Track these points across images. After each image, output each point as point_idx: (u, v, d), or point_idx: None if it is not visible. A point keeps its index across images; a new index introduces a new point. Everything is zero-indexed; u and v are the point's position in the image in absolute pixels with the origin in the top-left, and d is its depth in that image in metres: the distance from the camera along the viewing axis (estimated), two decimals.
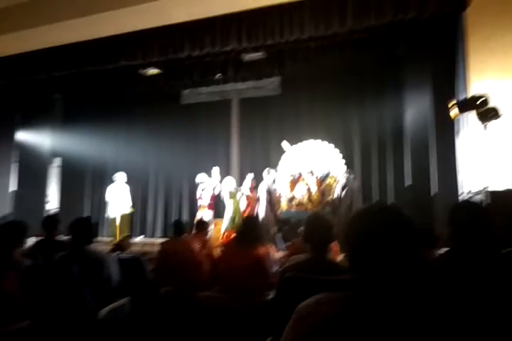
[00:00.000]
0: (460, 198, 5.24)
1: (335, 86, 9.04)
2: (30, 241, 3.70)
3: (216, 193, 8.31)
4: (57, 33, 7.31)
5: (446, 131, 5.83)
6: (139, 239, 9.40)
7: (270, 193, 7.69)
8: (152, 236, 10.12)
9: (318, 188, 7.72)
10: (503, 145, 4.63)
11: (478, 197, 4.28)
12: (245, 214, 7.62)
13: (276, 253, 4.94)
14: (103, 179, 10.65)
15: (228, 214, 7.79)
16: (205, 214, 8.25)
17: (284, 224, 7.52)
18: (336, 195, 7.49)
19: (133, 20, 6.88)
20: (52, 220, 4.14)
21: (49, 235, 3.96)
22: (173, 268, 3.86)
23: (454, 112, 4.68)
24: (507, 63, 4.70)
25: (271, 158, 9.50)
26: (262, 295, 3.38)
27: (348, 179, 7.46)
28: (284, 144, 8.27)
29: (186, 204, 10.16)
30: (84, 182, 10.60)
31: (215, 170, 8.58)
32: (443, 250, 3.42)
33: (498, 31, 4.84)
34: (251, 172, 9.69)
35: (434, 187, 6.16)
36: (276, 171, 8.18)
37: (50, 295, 2.66)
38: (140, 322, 3.13)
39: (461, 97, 5.40)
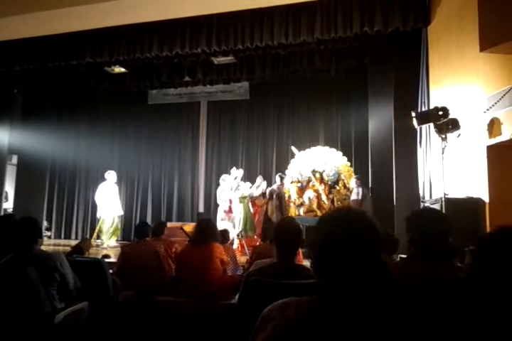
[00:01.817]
0: (421, 205, 5.42)
1: (302, 93, 9.26)
2: None
3: (238, 196, 7.78)
4: (20, 26, 7.03)
5: (408, 140, 6.03)
6: (98, 242, 9.13)
7: (280, 199, 7.46)
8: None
9: (327, 195, 7.57)
10: (463, 154, 4.84)
11: (437, 205, 4.45)
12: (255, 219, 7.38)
13: (241, 257, 4.95)
14: (62, 178, 10.34)
15: (237, 219, 7.41)
16: (224, 219, 7.78)
17: None
18: (346, 202, 7.34)
19: (101, 16, 6.72)
20: (7, 220, 3.95)
21: (3, 236, 3.78)
22: (134, 272, 3.78)
23: (415, 123, 4.86)
24: (466, 79, 4.93)
25: (238, 161, 9.59)
26: (225, 298, 3.37)
27: (357, 186, 7.28)
28: (294, 149, 8.11)
29: (150, 205, 10.00)
30: (42, 181, 10.20)
31: (237, 173, 8.11)
32: (401, 256, 3.55)
33: (458, 48, 5.07)
34: (217, 174, 9.73)
35: (396, 194, 6.36)
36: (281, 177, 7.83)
37: (2, 298, 2.54)
38: (99, 327, 3.04)
39: (423, 109, 5.62)
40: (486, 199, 4.40)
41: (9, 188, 9.55)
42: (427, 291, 1.57)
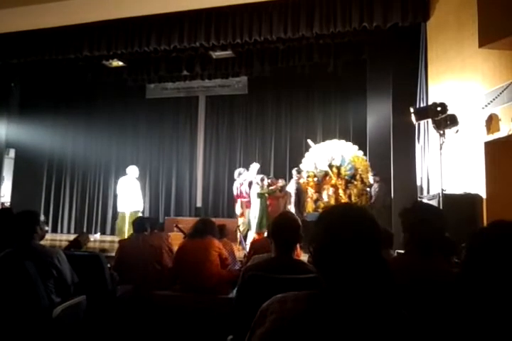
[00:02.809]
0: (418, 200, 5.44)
1: (301, 88, 9.24)
2: None
3: (255, 191, 7.37)
4: (18, 19, 6.96)
5: (406, 136, 6.04)
6: (96, 236, 9.15)
7: (299, 194, 7.21)
8: (112, 233, 9.89)
9: (344, 191, 7.42)
10: (461, 150, 4.85)
11: (435, 201, 4.47)
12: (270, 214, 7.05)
13: (239, 251, 4.96)
14: (59, 172, 10.33)
15: (254, 214, 7.02)
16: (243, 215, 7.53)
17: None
18: (363, 198, 7.21)
19: (99, 9, 6.67)
20: (4, 214, 3.94)
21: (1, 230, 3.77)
22: (132, 267, 3.79)
23: (413, 118, 4.86)
24: (464, 75, 4.93)
25: (236, 155, 9.61)
26: (223, 293, 3.39)
27: (375, 181, 7.16)
28: (310, 142, 7.94)
29: (148, 200, 10.00)
30: (39, 175, 10.19)
31: (254, 167, 7.85)
32: (398, 251, 3.57)
33: (456, 44, 5.06)
34: (215, 168, 9.71)
35: (394, 190, 6.39)
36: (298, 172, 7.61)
37: (1, 292, 2.54)
38: (96, 321, 3.05)
39: (421, 105, 5.62)
40: (484, 195, 4.42)
41: (6, 182, 9.52)
42: (422, 287, 1.58)
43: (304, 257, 3.54)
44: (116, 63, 8.12)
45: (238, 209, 7.65)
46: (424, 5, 5.69)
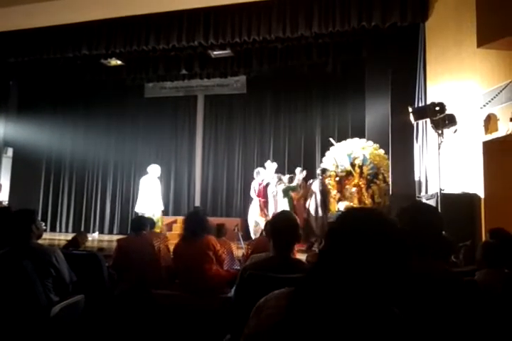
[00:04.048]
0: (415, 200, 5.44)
1: (299, 87, 9.25)
2: None
3: (270, 191, 7.43)
4: (16, 17, 6.94)
5: (404, 135, 6.05)
6: (94, 235, 9.14)
7: (324, 194, 7.01)
8: (110, 232, 9.89)
9: (366, 190, 7.25)
10: (459, 150, 4.86)
11: (433, 200, 4.47)
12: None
13: (237, 250, 4.93)
14: (58, 171, 10.31)
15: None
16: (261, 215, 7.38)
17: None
18: (386, 198, 7.04)
19: (98, 8, 6.65)
20: (3, 213, 3.93)
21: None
22: (130, 266, 3.78)
23: (411, 118, 4.87)
24: (463, 75, 4.93)
25: (234, 154, 9.61)
26: (221, 292, 3.39)
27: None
28: (332, 140, 7.81)
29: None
30: (37, 173, 10.18)
31: (270, 165, 7.81)
32: None
33: (455, 44, 5.07)
34: (214, 168, 9.70)
35: (392, 189, 6.39)
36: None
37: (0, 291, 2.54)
38: (94, 320, 3.04)
39: (420, 104, 5.63)
40: (482, 194, 4.42)
41: (5, 181, 9.50)
42: (419, 287, 1.58)
43: (302, 256, 3.55)
44: (115, 62, 8.11)
45: (256, 209, 7.49)
46: (423, 5, 5.70)
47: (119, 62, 8.15)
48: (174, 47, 6.89)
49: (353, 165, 7.42)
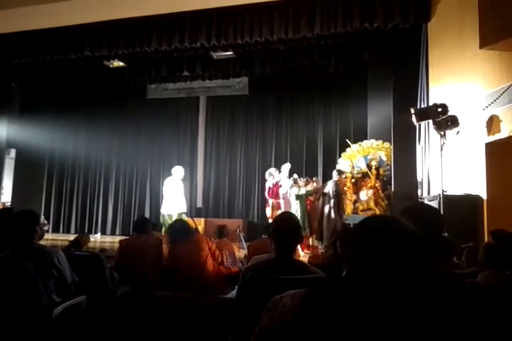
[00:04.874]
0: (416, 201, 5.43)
1: (301, 89, 9.25)
2: None
3: (281, 192, 7.36)
4: (19, 19, 6.98)
5: (407, 137, 6.04)
6: (96, 236, 9.16)
7: (338, 196, 6.82)
8: (112, 233, 9.90)
9: (383, 192, 7.10)
10: (461, 151, 4.85)
11: (435, 202, 4.46)
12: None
13: (239, 251, 4.93)
14: (60, 172, 10.34)
15: None
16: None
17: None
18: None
19: (100, 9, 6.68)
20: (6, 214, 3.94)
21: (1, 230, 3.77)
22: (132, 267, 3.78)
23: (414, 119, 4.86)
24: (465, 77, 4.93)
25: (236, 156, 9.62)
26: (223, 293, 3.39)
27: None
28: (348, 142, 7.77)
29: (148, 201, 10.01)
30: (40, 175, 10.20)
31: (285, 167, 7.75)
32: None
33: (457, 45, 5.06)
34: (216, 169, 9.71)
35: (394, 191, 6.38)
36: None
37: (1, 292, 2.54)
38: (96, 321, 3.05)
39: (422, 106, 5.62)
40: (484, 196, 4.41)
41: (7, 182, 9.53)
42: (421, 288, 1.58)
43: (304, 258, 3.54)
44: (117, 63, 8.12)
45: (269, 211, 7.49)
46: (425, 6, 5.69)
47: (121, 64, 8.16)
48: (176, 49, 6.90)
49: (369, 166, 7.28)
